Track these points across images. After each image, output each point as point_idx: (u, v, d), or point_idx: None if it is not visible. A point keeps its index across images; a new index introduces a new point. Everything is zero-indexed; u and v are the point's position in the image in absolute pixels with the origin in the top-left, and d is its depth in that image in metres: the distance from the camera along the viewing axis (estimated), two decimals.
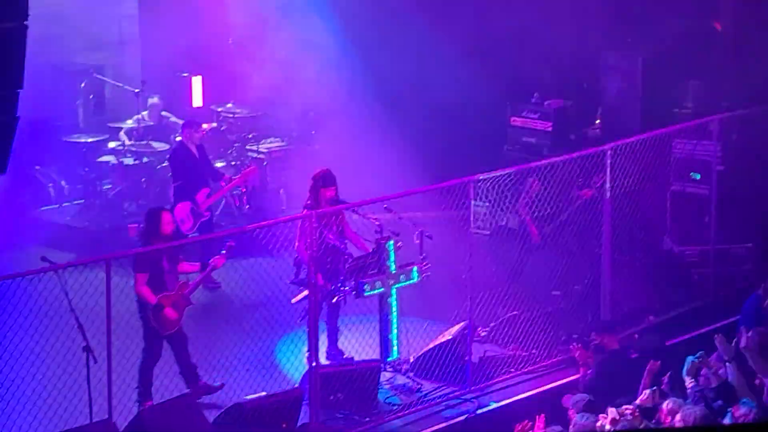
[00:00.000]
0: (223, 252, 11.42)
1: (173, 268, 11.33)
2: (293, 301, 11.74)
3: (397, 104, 17.05)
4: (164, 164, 15.37)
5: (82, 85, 16.79)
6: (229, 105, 16.71)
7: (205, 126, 15.06)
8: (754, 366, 10.69)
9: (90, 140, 16.28)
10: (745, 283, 13.51)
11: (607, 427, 9.71)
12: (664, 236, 14.25)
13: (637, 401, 10.26)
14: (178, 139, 14.77)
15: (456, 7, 16.48)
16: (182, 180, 13.99)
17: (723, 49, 16.00)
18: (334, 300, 11.94)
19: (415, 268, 11.97)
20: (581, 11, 16.10)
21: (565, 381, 12.06)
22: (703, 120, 14.11)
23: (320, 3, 16.18)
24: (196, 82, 16.80)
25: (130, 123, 16.11)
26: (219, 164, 15.69)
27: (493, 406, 11.82)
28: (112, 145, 16.19)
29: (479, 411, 11.71)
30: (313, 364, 11.20)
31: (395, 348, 11.99)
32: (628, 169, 12.99)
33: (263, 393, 11.06)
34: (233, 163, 16.04)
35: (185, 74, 16.92)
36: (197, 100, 16.83)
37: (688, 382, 10.45)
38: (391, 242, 11.80)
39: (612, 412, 9.79)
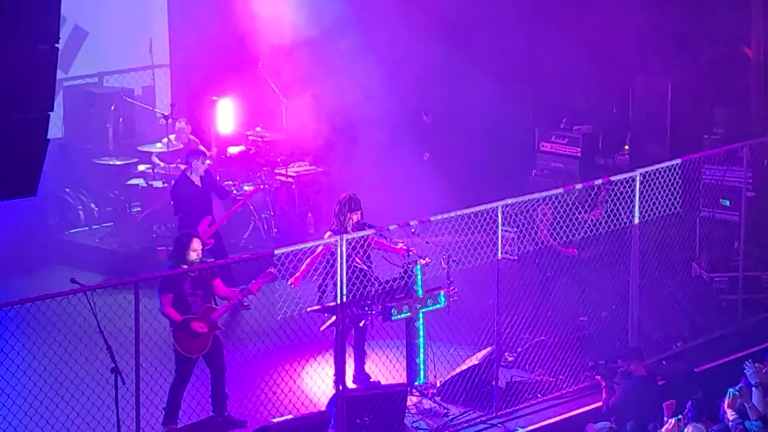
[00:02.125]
0: (260, 278, 11.40)
1: (196, 292, 11.33)
2: (322, 329, 11.73)
3: (424, 129, 17.07)
4: None
5: (112, 108, 16.89)
6: (258, 129, 16.77)
7: (209, 154, 15.20)
8: None
9: (119, 163, 16.39)
10: None
11: None
12: (693, 262, 14.17)
13: (662, 430, 10.20)
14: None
15: (485, 32, 16.50)
16: (183, 212, 14.01)
17: (753, 75, 15.94)
18: (361, 324, 11.93)
19: (442, 293, 11.94)
20: (612, 37, 16.08)
21: (591, 407, 11.99)
22: (734, 146, 14.05)
23: (348, 26, 16.22)
24: (226, 106, 16.85)
25: (159, 146, 16.19)
26: (247, 188, 15.74)
27: (520, 431, 11.78)
28: (141, 168, 16.28)
29: None
30: (340, 387, 11.19)
31: (422, 372, 11.95)
32: (656, 194, 12.94)
33: (290, 416, 11.05)
34: (262, 186, 16.08)
35: (215, 98, 17.00)
36: (227, 125, 16.86)
37: (730, 414, 10.35)
38: (419, 266, 11.79)
39: None
